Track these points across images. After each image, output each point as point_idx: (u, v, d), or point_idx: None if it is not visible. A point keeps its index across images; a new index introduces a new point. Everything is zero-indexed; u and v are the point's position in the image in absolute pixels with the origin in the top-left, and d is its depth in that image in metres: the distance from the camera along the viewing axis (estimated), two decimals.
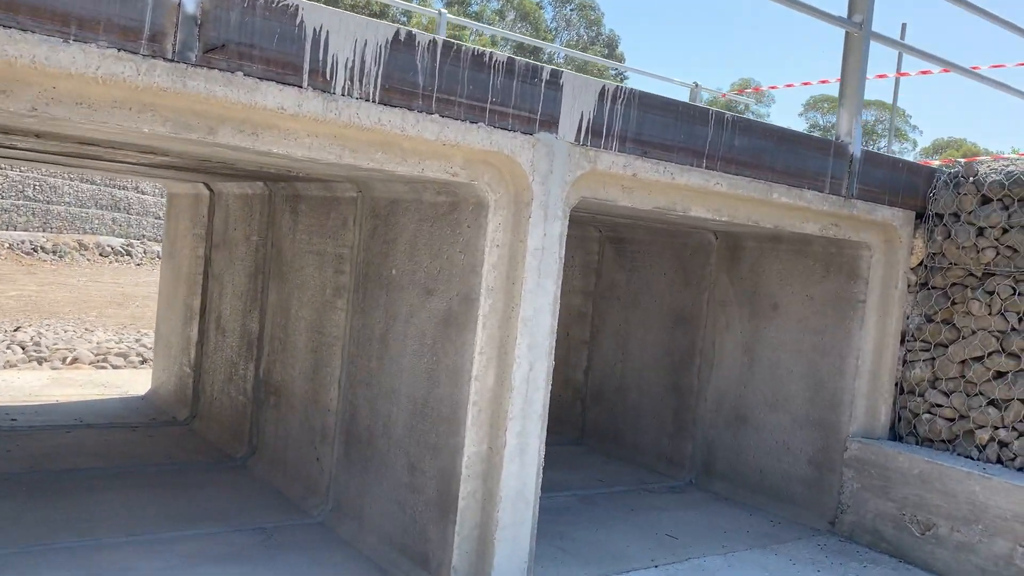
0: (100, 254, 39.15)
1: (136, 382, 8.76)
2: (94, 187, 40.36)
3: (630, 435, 7.60)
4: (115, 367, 9.83)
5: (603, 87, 4.27)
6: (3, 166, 32.65)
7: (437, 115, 3.73)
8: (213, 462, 6.21)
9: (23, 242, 36.21)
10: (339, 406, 5.21)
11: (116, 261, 38.94)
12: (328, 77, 3.43)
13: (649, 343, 7.49)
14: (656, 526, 5.74)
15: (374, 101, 3.55)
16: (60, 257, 35.83)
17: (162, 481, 5.61)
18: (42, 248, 36.01)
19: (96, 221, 40.09)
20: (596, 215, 6.36)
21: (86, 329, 14.56)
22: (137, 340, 13.08)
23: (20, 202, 37.17)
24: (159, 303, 8.28)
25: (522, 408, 4.20)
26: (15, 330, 13.00)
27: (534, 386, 4.23)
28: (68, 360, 9.77)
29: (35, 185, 37.90)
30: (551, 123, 4.11)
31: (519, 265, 4.15)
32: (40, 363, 9.67)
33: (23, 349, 10.61)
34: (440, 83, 3.71)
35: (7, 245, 34.82)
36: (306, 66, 3.37)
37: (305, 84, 3.38)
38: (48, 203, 37.21)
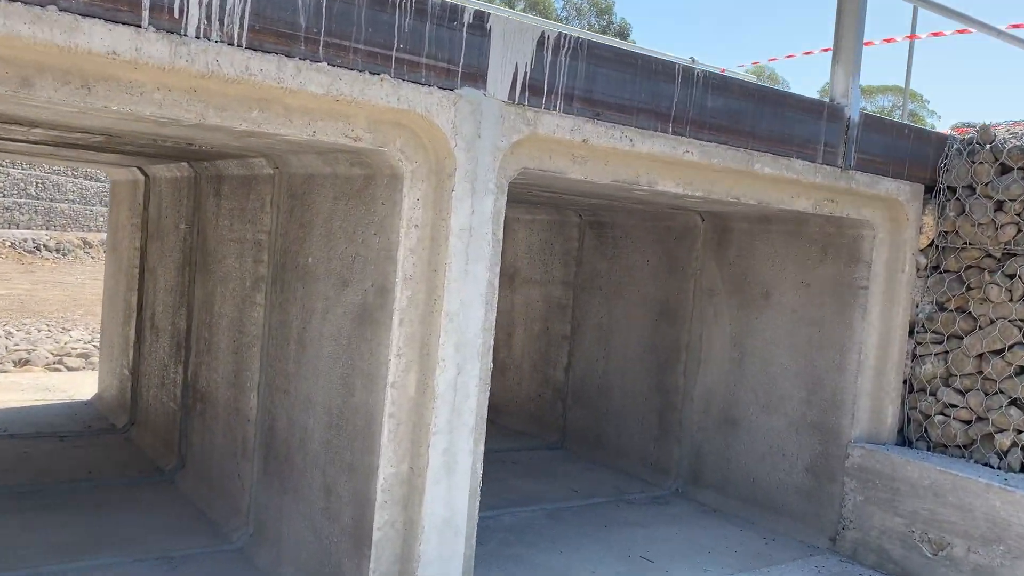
0: (104, 251, 38.77)
1: (85, 385, 8.14)
2: (98, 184, 40.01)
3: (613, 439, 6.90)
4: (70, 369, 9.23)
5: (543, 34, 3.56)
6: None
7: (326, 63, 3.04)
8: (141, 476, 5.56)
9: (25, 240, 35.85)
10: (258, 415, 4.55)
11: None
12: (177, 14, 2.75)
13: (633, 338, 6.78)
14: (631, 546, 5.04)
15: (240, 45, 2.87)
16: (64, 255, 35.45)
17: (75, 501, 4.97)
18: (45, 247, 35.64)
19: (100, 218, 39.72)
20: (564, 195, 5.65)
21: (63, 329, 14.00)
22: None
23: (22, 200, 36.83)
24: (103, 301, 7.65)
25: (449, 420, 3.51)
26: None
27: (463, 393, 3.54)
28: (19, 364, 9.17)
29: (37, 183, 37.57)
30: (477, 77, 3.41)
31: (442, 249, 3.45)
32: None
33: None
34: (329, 24, 3.02)
35: (8, 244, 34.46)
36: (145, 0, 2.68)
37: (145, 23, 2.70)
38: (51, 201, 36.86)
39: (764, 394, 5.71)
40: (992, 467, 4.78)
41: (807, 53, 10.99)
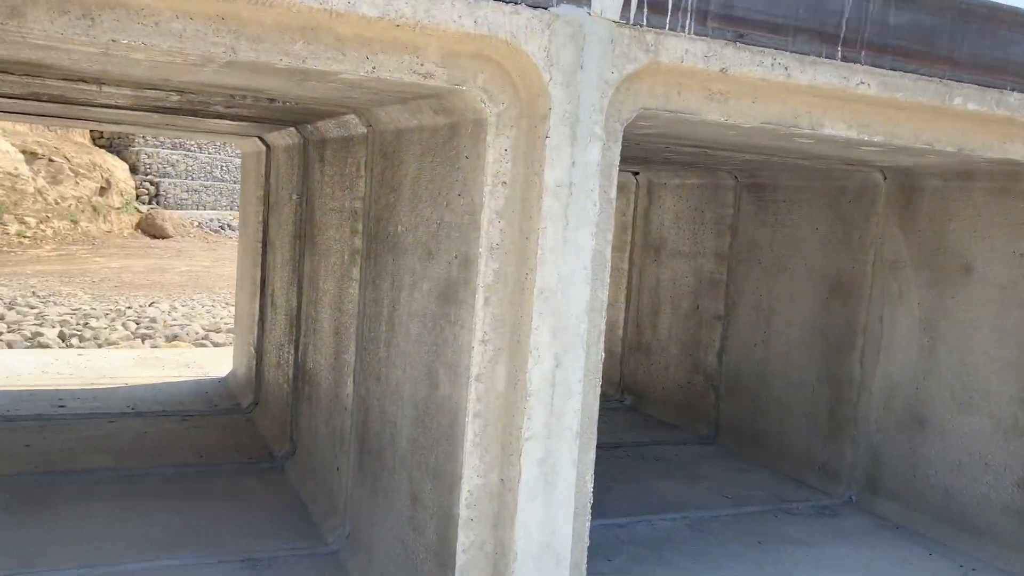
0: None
1: (224, 362, 8.09)
2: None
3: (774, 435, 5.99)
4: (216, 344, 9.29)
5: None
6: (156, 142, 34.25)
7: None
8: (252, 462, 5.27)
9: (211, 220, 38.30)
10: (353, 403, 4.06)
11: None
12: None
13: (798, 318, 5.82)
14: (791, 569, 4.20)
15: None
16: None
17: (178, 489, 4.72)
18: (228, 226, 37.96)
19: None
20: (712, 151, 4.80)
21: (226, 304, 14.45)
22: None
23: (209, 183, 39.29)
24: (237, 277, 7.53)
25: (545, 423, 2.84)
26: (149, 304, 13.00)
27: (563, 390, 2.86)
28: (169, 340, 9.33)
29: (222, 166, 39.96)
30: None
31: (534, 211, 2.77)
32: (143, 340, 9.28)
33: (137, 324, 10.35)
34: None
35: (196, 223, 36.90)
36: None
37: None
38: (235, 182, 39.14)
39: (962, 389, 4.65)
40: None
41: None
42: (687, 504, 5.07)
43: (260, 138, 6.26)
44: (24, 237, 25.40)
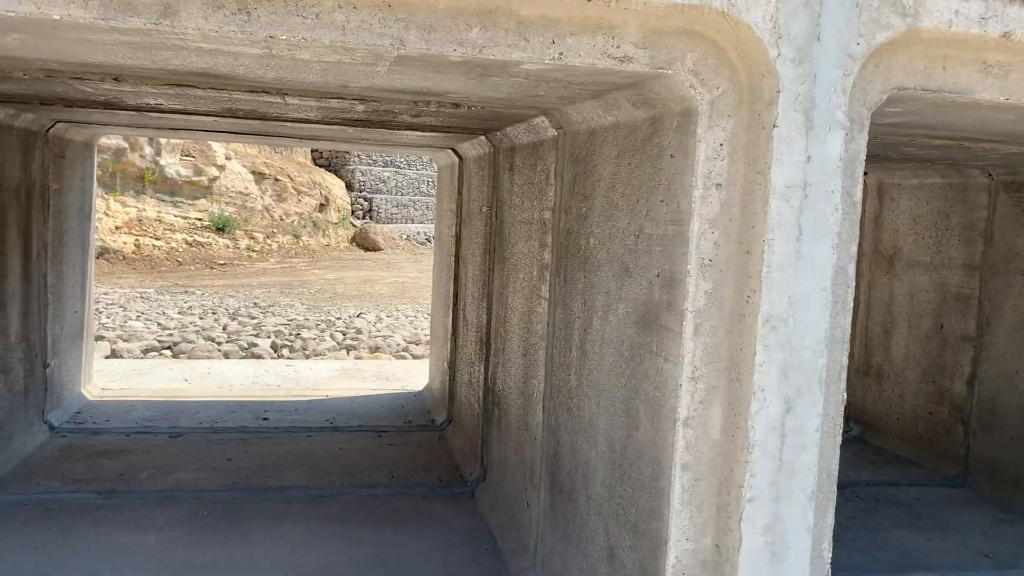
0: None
1: (421, 375, 8.05)
2: None
3: None
4: (415, 357, 9.31)
5: None
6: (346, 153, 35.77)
7: None
8: (442, 485, 5.05)
9: (418, 233, 39.90)
10: (543, 434, 3.68)
11: None
12: None
13: None
14: None
15: None
16: None
17: (362, 512, 4.56)
18: (433, 238, 39.16)
19: None
20: (967, 142, 4.00)
21: (428, 315, 14.72)
22: None
23: (416, 197, 40.98)
24: (432, 290, 7.44)
25: (772, 480, 2.30)
26: (357, 315, 13.43)
27: (796, 441, 2.30)
28: (371, 351, 9.46)
29: (428, 181, 41.55)
30: None
31: (758, 219, 2.25)
32: (348, 352, 9.48)
33: (343, 335, 10.64)
34: None
35: (405, 236, 38.54)
36: None
37: None
38: None
39: None
40: None
41: None
42: (935, 562, 4.27)
43: (453, 150, 6.09)
44: (253, 251, 27.50)
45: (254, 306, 14.78)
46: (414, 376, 8.04)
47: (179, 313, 13.12)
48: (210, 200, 28.32)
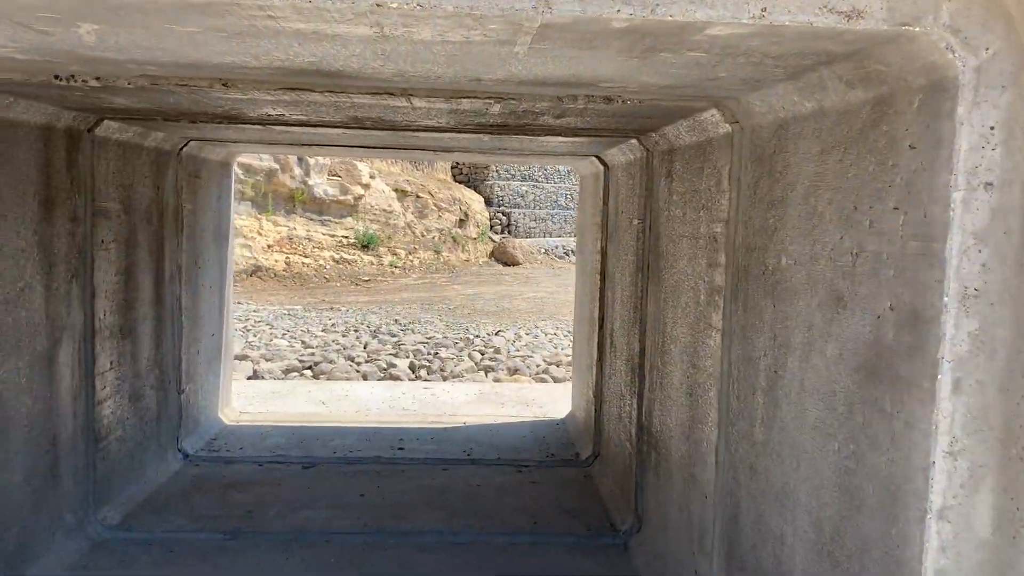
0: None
1: (563, 400, 7.52)
2: None
3: None
4: (555, 380, 8.79)
5: None
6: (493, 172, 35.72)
7: None
8: (589, 535, 4.49)
9: (556, 247, 39.64)
10: (716, 493, 3.06)
11: None
12: None
13: None
14: None
15: None
16: None
17: (500, 565, 4.06)
18: (572, 251, 38.95)
19: None
20: None
21: (568, 332, 14.20)
22: None
23: (554, 211, 40.75)
24: (574, 310, 6.91)
25: None
26: (496, 333, 13.08)
27: None
28: (510, 372, 9.02)
29: (566, 194, 41.26)
30: None
31: None
32: (486, 373, 9.08)
33: (481, 355, 10.26)
34: None
35: (543, 250, 38.38)
36: None
37: None
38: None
39: None
40: None
41: None
42: None
43: (597, 157, 5.54)
44: (395, 267, 27.93)
45: (395, 323, 14.73)
46: (555, 402, 7.52)
47: (323, 331, 13.19)
48: (355, 218, 29.03)
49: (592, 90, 2.74)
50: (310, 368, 9.13)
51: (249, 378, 8.53)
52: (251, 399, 7.27)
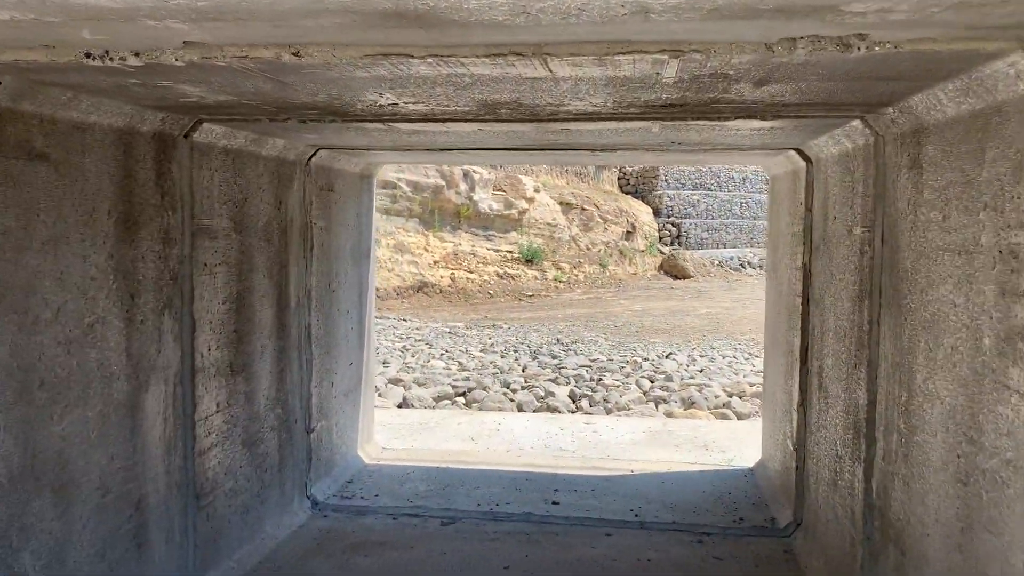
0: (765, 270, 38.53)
1: (750, 443, 6.38)
2: None
3: None
4: (738, 416, 7.62)
5: None
6: (664, 184, 34.24)
7: None
8: None
9: (731, 259, 37.82)
10: None
11: None
12: None
13: None
14: None
15: None
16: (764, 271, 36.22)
17: None
18: (748, 263, 37.11)
19: None
20: None
21: (748, 355, 12.85)
22: None
23: (728, 220, 38.90)
24: (765, 336, 5.78)
25: None
26: (666, 356, 11.96)
27: None
28: (685, 405, 7.93)
29: (741, 203, 39.34)
30: None
31: None
32: (656, 405, 8.04)
33: (651, 382, 9.20)
34: None
35: (716, 262, 36.69)
36: None
37: None
38: (754, 219, 38.15)
39: None
40: None
41: None
42: None
43: (797, 150, 4.45)
44: (560, 282, 27.24)
45: (556, 342, 13.92)
46: (740, 445, 6.39)
47: (481, 351, 12.58)
48: (520, 232, 28.64)
49: (825, 25, 1.75)
50: (463, 395, 8.44)
51: (399, 406, 7.95)
52: (397, 432, 6.63)
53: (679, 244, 36.03)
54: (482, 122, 3.29)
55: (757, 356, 12.68)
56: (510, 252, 27.73)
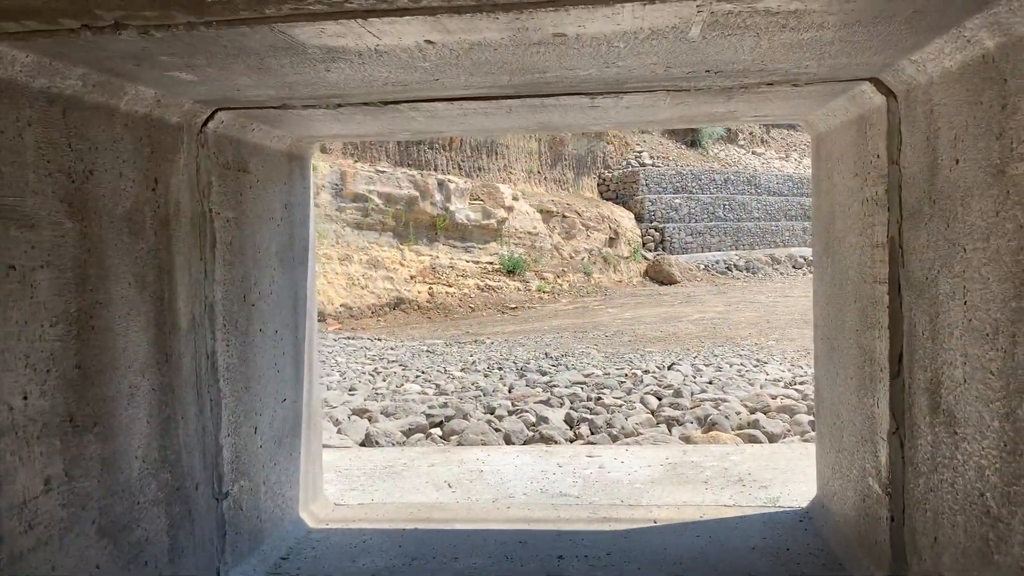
0: (792, 266, 37.77)
1: (794, 471, 5.12)
2: (781, 199, 39.30)
3: None
4: (769, 437, 6.35)
5: None
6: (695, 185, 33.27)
7: None
8: None
9: (717, 262, 36.85)
10: None
11: (809, 273, 37.02)
12: None
13: None
14: None
15: None
16: (752, 273, 35.33)
17: None
18: (735, 266, 36.15)
19: (787, 233, 38.97)
20: None
21: (758, 361, 11.62)
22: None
23: (712, 223, 37.91)
24: (815, 339, 4.52)
25: None
26: (669, 367, 10.69)
27: None
28: (703, 426, 6.65)
29: (724, 205, 38.37)
30: None
31: None
32: (670, 428, 6.75)
33: (658, 400, 7.92)
34: None
35: (702, 266, 35.68)
36: None
37: None
38: (738, 221, 37.22)
39: None
40: None
41: None
42: None
43: (872, 81, 3.20)
44: (543, 292, 26.00)
45: (544, 357, 12.63)
46: (782, 475, 5.13)
47: (462, 370, 11.26)
48: (500, 243, 27.41)
49: None
50: (439, 425, 7.12)
51: (362, 443, 6.62)
52: (356, 480, 5.32)
53: (663, 249, 34.98)
54: (430, 15, 2.01)
55: (767, 362, 11.45)
56: (490, 263, 26.46)
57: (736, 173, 39.08)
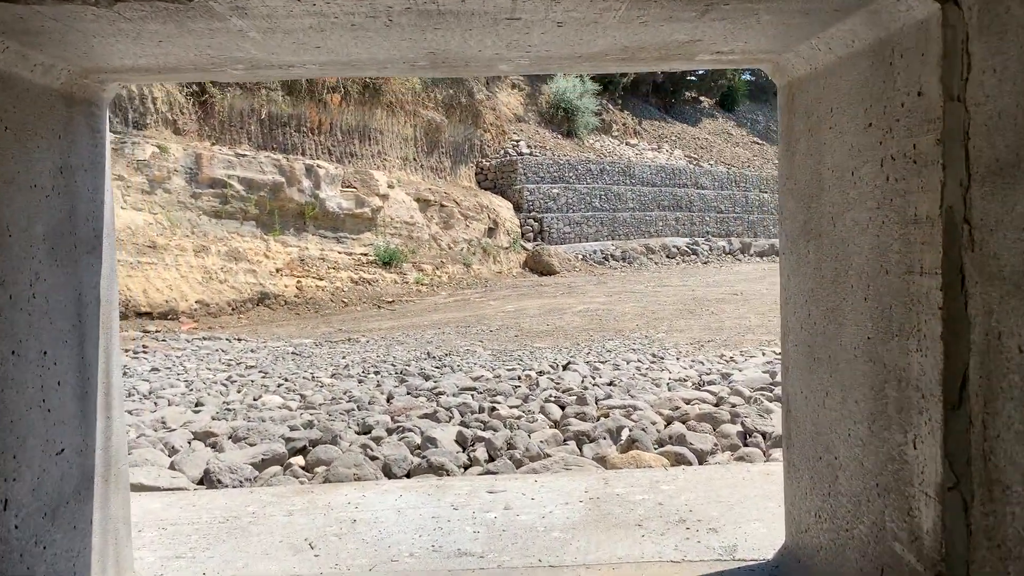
0: (667, 256, 38.00)
1: (746, 509, 4.16)
2: (655, 189, 39.45)
3: None
4: (697, 454, 5.39)
5: None
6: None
7: None
8: None
9: (595, 252, 36.60)
10: None
11: (683, 261, 37.35)
12: None
13: None
14: None
15: None
16: (629, 263, 35.24)
17: None
18: (612, 256, 35.99)
19: (660, 223, 39.18)
20: None
21: (654, 356, 10.82)
22: (725, 377, 8.71)
23: (589, 214, 37.60)
24: (784, 342, 3.54)
25: None
26: (564, 367, 9.71)
27: None
28: (621, 446, 5.63)
29: (601, 195, 38.11)
30: None
31: None
32: (580, 447, 5.69)
33: (561, 408, 6.86)
34: None
35: (581, 257, 35.30)
36: None
37: None
38: (614, 211, 37.08)
39: None
40: None
41: None
42: None
43: None
44: (422, 284, 24.73)
45: (426, 356, 11.43)
46: (728, 508, 4.16)
47: (332, 376, 9.90)
48: (374, 233, 25.93)
49: None
50: (302, 452, 5.81)
51: (200, 481, 5.23)
52: (183, 541, 3.98)
53: (542, 239, 34.40)
54: None
55: (663, 358, 10.67)
56: (365, 255, 24.93)
57: (612, 163, 39.00)
